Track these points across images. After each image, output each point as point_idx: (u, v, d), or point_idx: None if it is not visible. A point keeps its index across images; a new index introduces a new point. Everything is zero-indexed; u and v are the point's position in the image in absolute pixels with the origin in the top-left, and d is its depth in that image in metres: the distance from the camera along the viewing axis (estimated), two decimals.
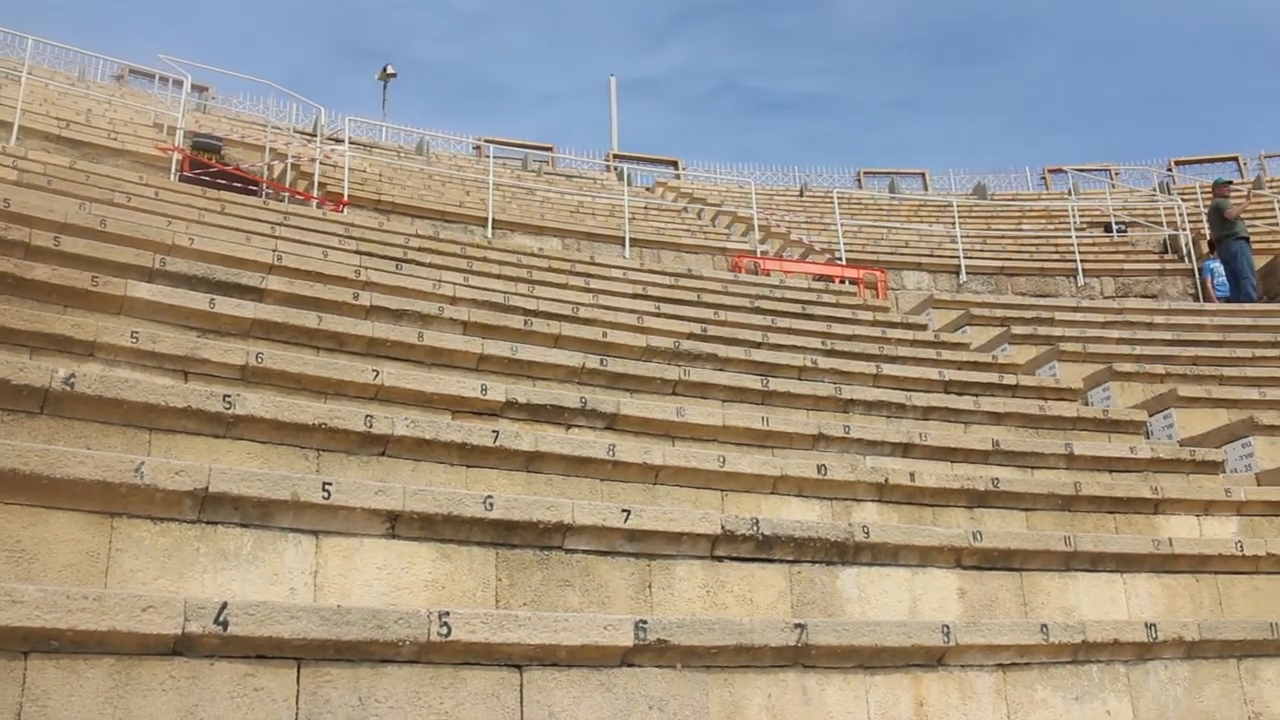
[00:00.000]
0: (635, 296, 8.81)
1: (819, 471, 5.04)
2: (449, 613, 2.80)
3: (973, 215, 17.74)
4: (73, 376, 3.63)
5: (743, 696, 3.16)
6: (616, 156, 22.94)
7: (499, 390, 5.18)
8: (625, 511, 3.80)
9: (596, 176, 21.07)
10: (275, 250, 7.04)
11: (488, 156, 18.25)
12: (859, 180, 23.74)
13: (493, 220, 12.95)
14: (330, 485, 3.37)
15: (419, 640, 2.74)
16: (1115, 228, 16.18)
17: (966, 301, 10.94)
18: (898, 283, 13.39)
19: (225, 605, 2.55)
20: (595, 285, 8.88)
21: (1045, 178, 23.53)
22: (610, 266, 10.18)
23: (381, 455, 4.25)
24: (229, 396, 3.95)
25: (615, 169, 21.68)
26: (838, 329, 8.86)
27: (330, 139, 15.97)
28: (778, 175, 23.93)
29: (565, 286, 8.58)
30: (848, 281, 12.38)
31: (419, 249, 8.84)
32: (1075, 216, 16.26)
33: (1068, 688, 3.73)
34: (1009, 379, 7.93)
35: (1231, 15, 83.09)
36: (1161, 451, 6.73)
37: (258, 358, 4.67)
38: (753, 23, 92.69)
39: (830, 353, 7.87)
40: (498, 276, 8.39)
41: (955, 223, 14.56)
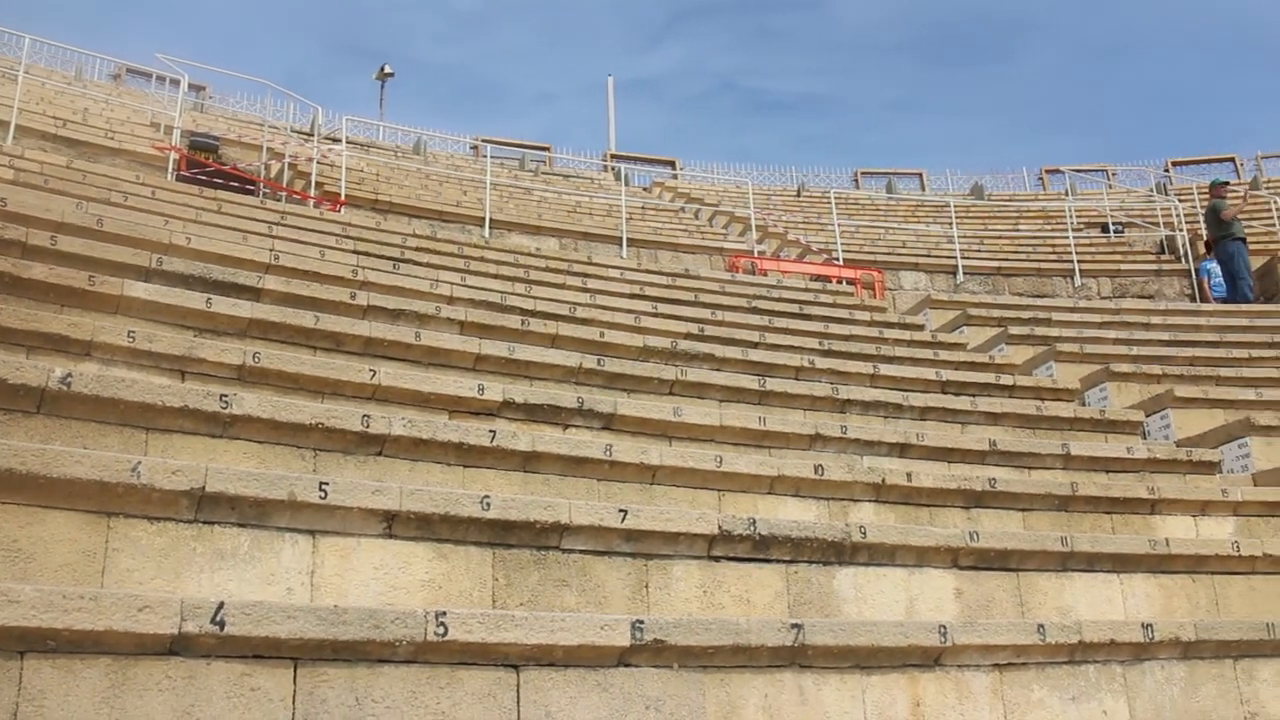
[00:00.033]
0: (632, 296, 8.81)
1: (816, 472, 5.05)
2: (446, 613, 2.80)
3: (970, 216, 17.74)
4: (69, 376, 3.62)
5: (739, 696, 3.17)
6: (614, 156, 22.92)
7: (496, 390, 5.18)
8: (622, 511, 3.80)
9: (594, 176, 21.05)
10: (272, 250, 7.04)
11: (485, 156, 18.19)
12: (856, 180, 23.72)
13: (490, 220, 12.95)
14: (327, 485, 3.37)
15: (416, 640, 2.74)
16: (1112, 228, 16.19)
17: (964, 302, 10.95)
18: (895, 283, 13.40)
19: (222, 605, 2.55)
20: (592, 285, 8.88)
21: (1042, 178, 23.52)
22: (607, 266, 10.18)
23: (378, 455, 4.25)
24: (226, 396, 3.95)
25: (612, 169, 21.65)
26: (835, 329, 8.87)
27: (327, 138, 15.97)
28: (775, 175, 23.93)
29: (562, 286, 8.57)
30: (845, 282, 12.38)
31: (416, 249, 8.83)
32: (1072, 217, 16.27)
33: (1064, 688, 3.73)
34: (1006, 379, 7.94)
35: (1230, 16, 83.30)
36: (1158, 452, 6.74)
37: (254, 357, 4.67)
38: (750, 23, 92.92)
39: (827, 353, 7.87)
40: (495, 276, 8.39)
41: (952, 223, 14.55)
